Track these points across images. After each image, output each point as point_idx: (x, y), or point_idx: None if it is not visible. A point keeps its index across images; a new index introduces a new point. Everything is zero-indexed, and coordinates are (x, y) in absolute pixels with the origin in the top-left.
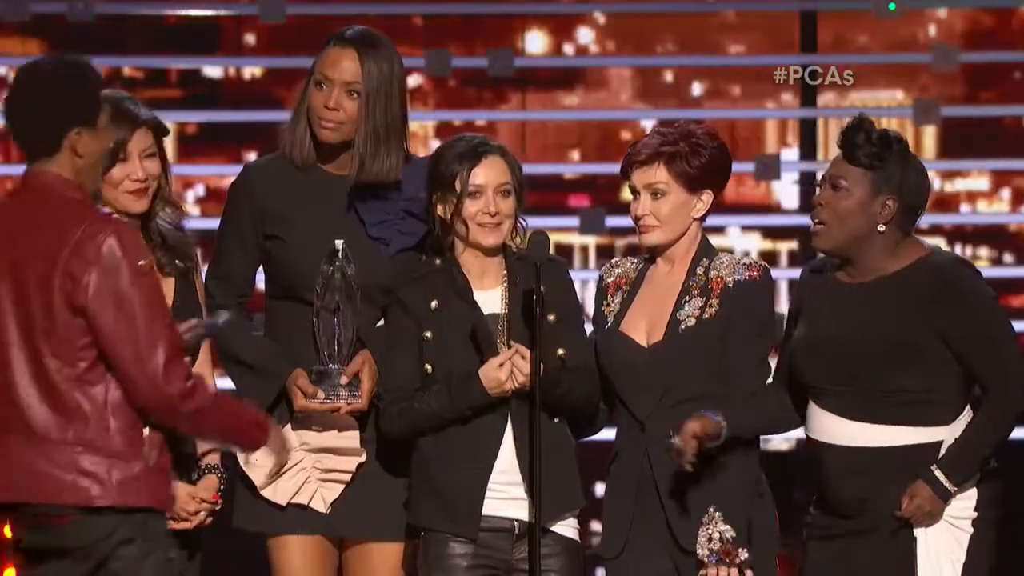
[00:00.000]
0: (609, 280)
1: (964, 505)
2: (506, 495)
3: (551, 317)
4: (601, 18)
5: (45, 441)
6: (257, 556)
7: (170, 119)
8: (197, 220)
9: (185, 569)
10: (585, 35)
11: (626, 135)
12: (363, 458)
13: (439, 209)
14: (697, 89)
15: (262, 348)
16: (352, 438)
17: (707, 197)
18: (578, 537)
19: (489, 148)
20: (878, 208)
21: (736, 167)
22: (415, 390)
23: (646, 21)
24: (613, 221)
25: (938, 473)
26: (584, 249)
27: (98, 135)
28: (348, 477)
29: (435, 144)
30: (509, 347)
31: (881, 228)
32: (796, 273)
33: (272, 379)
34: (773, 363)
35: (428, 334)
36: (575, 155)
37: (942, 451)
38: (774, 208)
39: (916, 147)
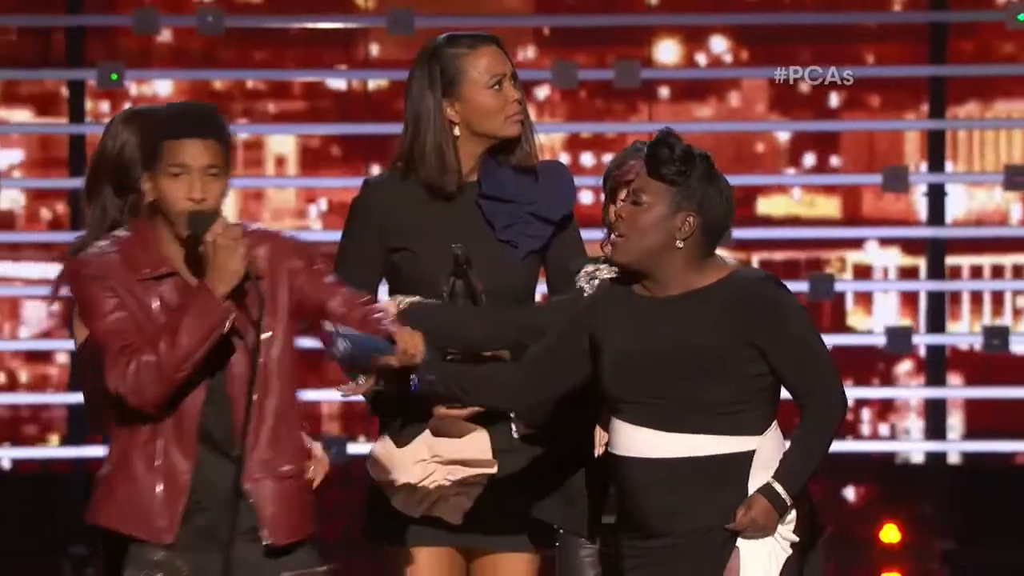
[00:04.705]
0: None
1: (790, 522)
2: None
3: None
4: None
5: None
6: (383, 568)
7: (294, 132)
8: (320, 233)
9: None
10: (718, 44)
11: (760, 147)
12: (494, 469)
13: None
14: (834, 100)
15: None
16: (484, 449)
17: None
18: None
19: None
20: (678, 224)
21: (867, 179)
22: None
23: (780, 30)
24: (746, 233)
25: (776, 485)
26: None
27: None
28: (480, 489)
29: (564, 158)
30: None
31: (679, 244)
32: (931, 286)
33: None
34: None
35: None
36: None
37: (754, 461)
38: (912, 222)
39: None
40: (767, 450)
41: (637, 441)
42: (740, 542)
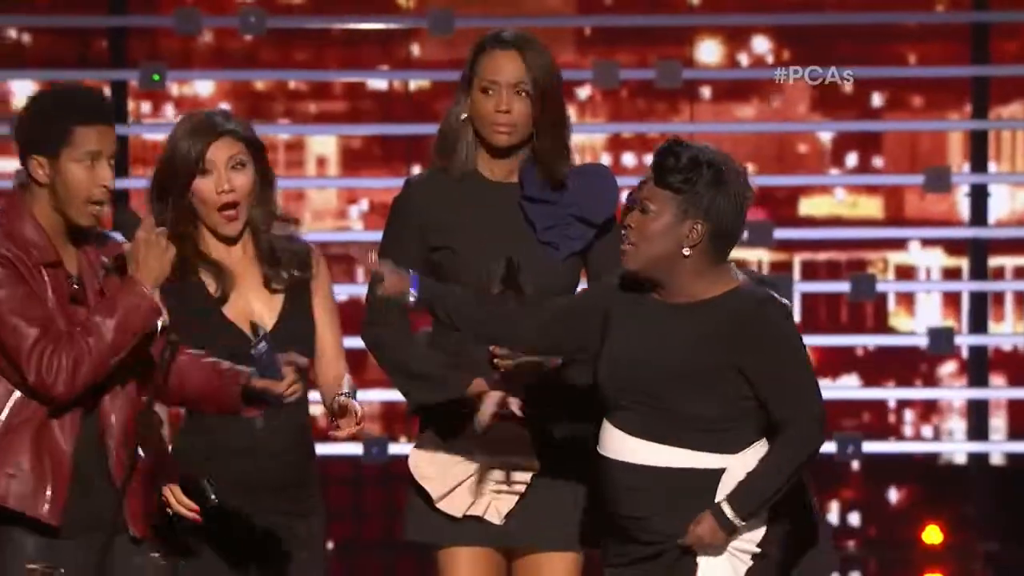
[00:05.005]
0: None
1: (749, 538)
2: None
3: None
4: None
5: None
6: (424, 568)
7: (335, 132)
8: (361, 234)
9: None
10: (760, 44)
11: (803, 148)
12: (536, 469)
13: None
14: (877, 100)
15: (429, 358)
16: (525, 449)
17: None
18: None
19: None
20: (685, 231)
21: (909, 179)
22: None
23: (822, 31)
24: (788, 234)
25: (725, 506)
26: (759, 263)
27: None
28: (522, 488)
29: (605, 158)
30: None
31: (687, 252)
32: (974, 287)
33: (449, 387)
34: None
35: None
36: (750, 168)
37: (722, 480)
38: (955, 223)
39: None
40: (744, 467)
41: (622, 446)
42: (699, 558)
